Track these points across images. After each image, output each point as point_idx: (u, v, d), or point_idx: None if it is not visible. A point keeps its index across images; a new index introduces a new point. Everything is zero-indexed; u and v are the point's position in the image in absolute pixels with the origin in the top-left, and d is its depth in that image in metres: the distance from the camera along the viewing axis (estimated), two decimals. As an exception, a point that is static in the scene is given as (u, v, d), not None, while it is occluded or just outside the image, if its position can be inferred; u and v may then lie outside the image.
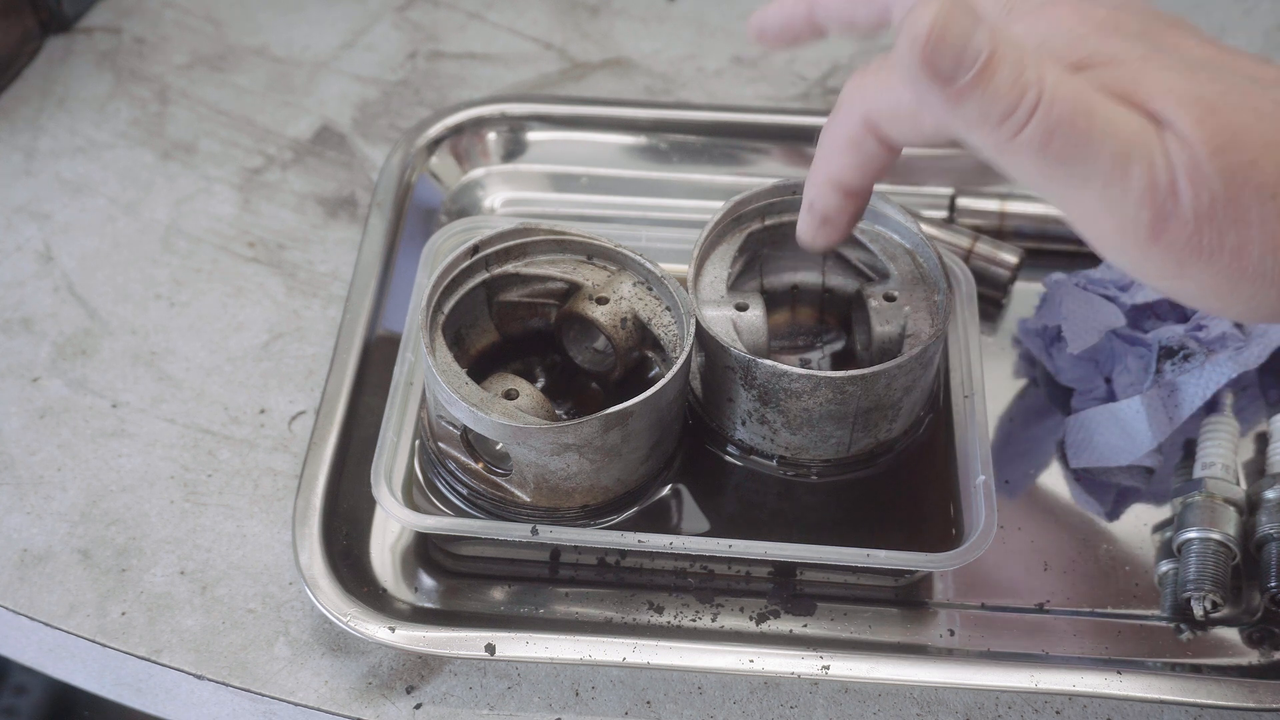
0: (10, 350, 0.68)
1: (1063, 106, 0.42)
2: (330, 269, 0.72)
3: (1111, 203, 0.43)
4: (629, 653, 0.55)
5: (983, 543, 0.56)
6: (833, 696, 0.56)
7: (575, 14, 0.87)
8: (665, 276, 0.59)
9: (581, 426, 0.54)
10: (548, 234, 0.61)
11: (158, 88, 0.81)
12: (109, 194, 0.75)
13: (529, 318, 0.63)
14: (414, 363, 0.61)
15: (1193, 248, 0.43)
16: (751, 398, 0.58)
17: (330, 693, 0.56)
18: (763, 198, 0.62)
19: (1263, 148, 0.43)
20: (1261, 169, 0.43)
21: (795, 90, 0.82)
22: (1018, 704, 0.56)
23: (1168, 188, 0.42)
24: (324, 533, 0.59)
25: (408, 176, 0.74)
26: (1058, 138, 0.43)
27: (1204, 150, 0.42)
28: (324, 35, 0.85)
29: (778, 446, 0.60)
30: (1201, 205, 0.42)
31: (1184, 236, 0.43)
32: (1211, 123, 0.43)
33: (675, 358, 0.57)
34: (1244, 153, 0.43)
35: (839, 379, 0.55)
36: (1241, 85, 0.44)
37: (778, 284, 0.65)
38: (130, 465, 0.63)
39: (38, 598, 0.58)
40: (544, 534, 0.56)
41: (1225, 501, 0.59)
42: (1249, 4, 0.88)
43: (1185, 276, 0.44)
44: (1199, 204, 0.42)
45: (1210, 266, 0.43)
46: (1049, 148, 0.43)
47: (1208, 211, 0.42)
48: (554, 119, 0.77)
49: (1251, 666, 0.57)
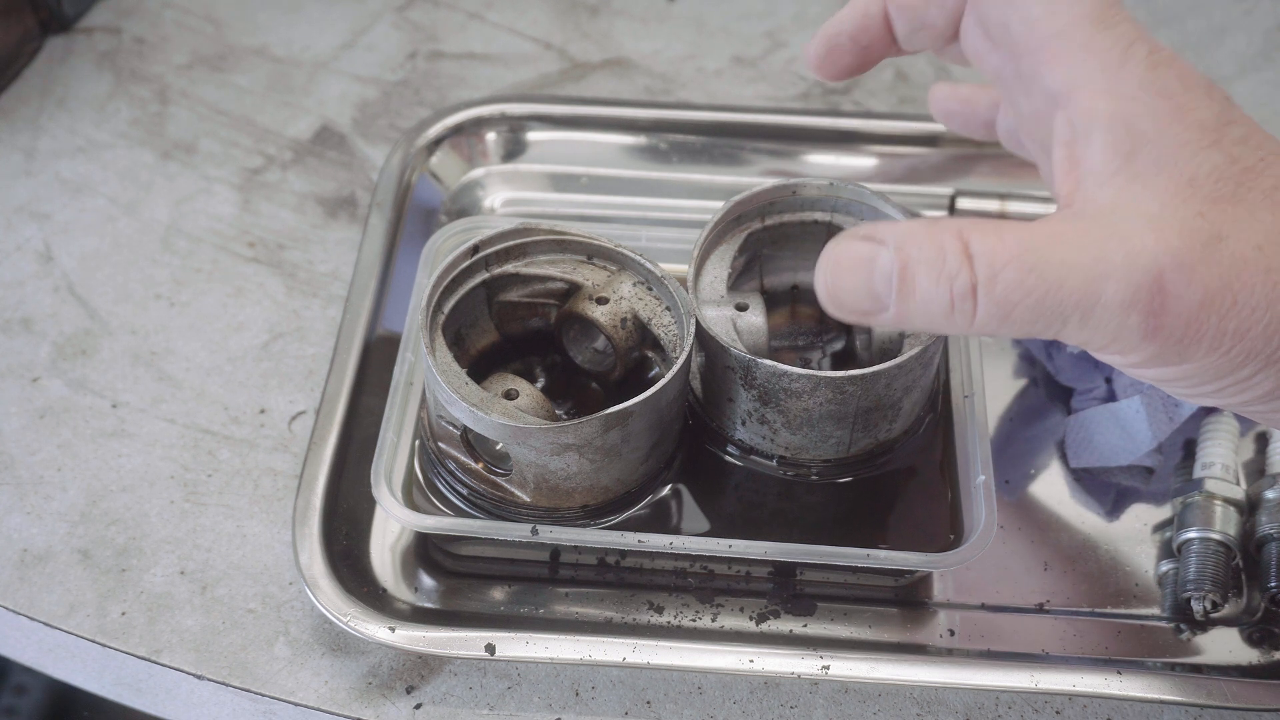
0: (10, 350, 0.67)
1: (1005, 277, 0.42)
2: (330, 269, 0.72)
3: (1097, 325, 0.42)
4: (629, 653, 0.55)
5: (983, 543, 0.56)
6: (833, 696, 0.56)
7: (575, 14, 0.87)
8: (665, 276, 0.59)
9: (581, 426, 0.54)
10: (548, 234, 0.61)
11: (158, 88, 0.81)
12: (109, 194, 0.75)
13: (529, 318, 0.63)
14: (414, 363, 0.61)
15: (1193, 333, 0.42)
16: (751, 398, 0.58)
17: (330, 693, 0.56)
18: (763, 198, 0.62)
19: (1273, 234, 0.42)
20: (1268, 254, 0.42)
21: (795, 90, 0.82)
22: (1018, 704, 0.56)
23: (1152, 288, 0.42)
24: (324, 533, 0.59)
25: (408, 176, 0.74)
26: (1017, 307, 0.42)
27: (1199, 241, 0.42)
28: (324, 35, 0.85)
29: (778, 446, 0.60)
30: (1193, 297, 0.42)
31: (1180, 324, 0.42)
32: (1212, 215, 0.42)
33: (675, 358, 0.57)
34: (1245, 241, 0.42)
35: (839, 379, 0.55)
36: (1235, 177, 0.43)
37: (778, 284, 0.65)
38: (130, 465, 0.63)
39: (38, 598, 0.58)
40: (544, 534, 0.56)
41: (1225, 501, 0.59)
42: (1249, 4, 0.88)
43: (1186, 361, 0.43)
44: (1192, 294, 0.42)
45: (1212, 353, 0.43)
46: (1011, 316, 0.42)
47: (1203, 299, 0.42)
48: (554, 119, 0.77)
49: (1251, 666, 0.57)
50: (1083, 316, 0.42)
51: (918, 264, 0.42)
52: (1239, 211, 0.43)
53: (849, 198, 0.62)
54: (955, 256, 0.42)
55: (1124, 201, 0.43)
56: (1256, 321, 0.42)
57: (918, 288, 0.42)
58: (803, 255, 0.64)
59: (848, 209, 0.62)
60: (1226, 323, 0.42)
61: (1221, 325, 0.42)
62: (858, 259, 0.43)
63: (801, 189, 0.62)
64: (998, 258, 0.41)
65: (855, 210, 0.62)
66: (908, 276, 0.42)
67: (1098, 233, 0.42)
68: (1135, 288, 0.41)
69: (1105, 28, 0.45)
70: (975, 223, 0.42)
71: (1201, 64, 0.84)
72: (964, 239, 0.42)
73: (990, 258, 0.41)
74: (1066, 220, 0.43)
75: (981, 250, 0.42)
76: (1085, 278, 0.41)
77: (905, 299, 0.43)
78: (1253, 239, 0.42)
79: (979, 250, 0.42)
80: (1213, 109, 0.44)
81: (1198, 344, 0.42)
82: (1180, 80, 0.44)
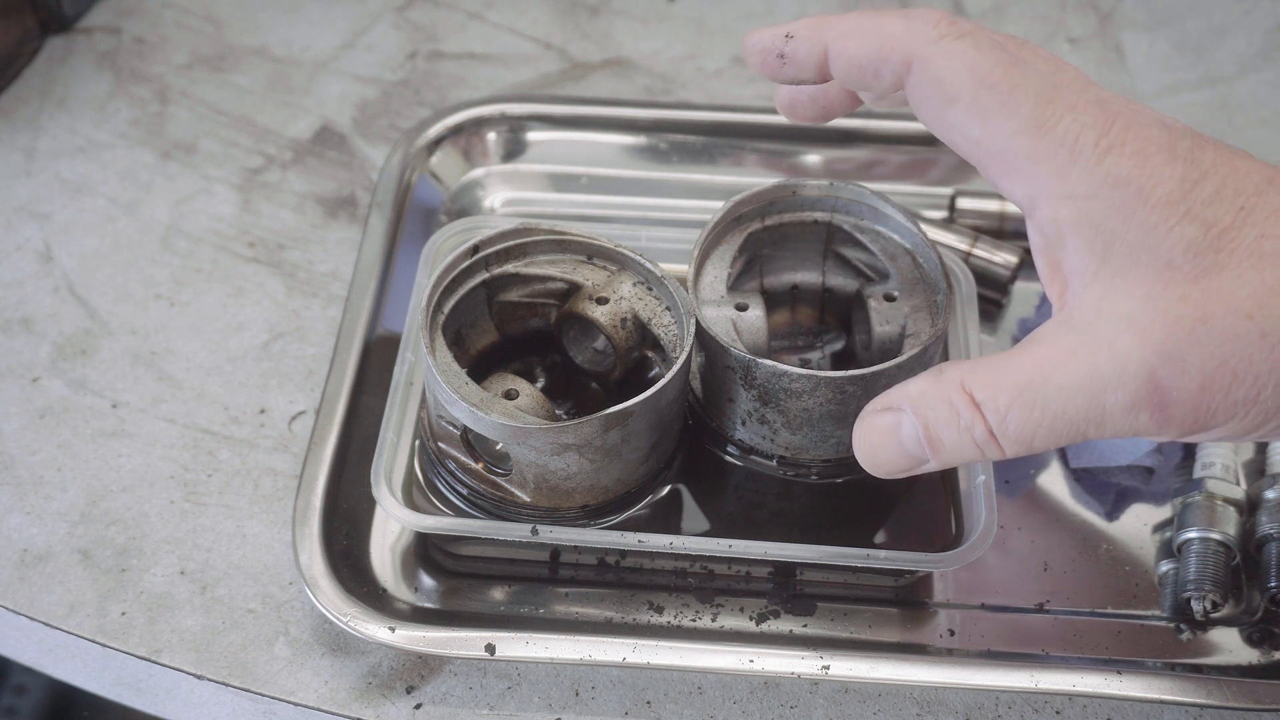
0: (10, 350, 0.67)
1: (1014, 418, 0.44)
2: (330, 269, 0.72)
3: (1114, 429, 0.44)
4: (629, 653, 0.55)
5: (983, 543, 0.56)
6: (833, 696, 0.56)
7: (575, 14, 0.87)
8: (665, 276, 0.59)
9: (581, 426, 0.54)
10: (548, 234, 0.61)
11: (158, 88, 0.81)
12: (109, 194, 0.75)
13: (529, 318, 0.63)
14: (414, 363, 0.61)
15: (1205, 412, 0.43)
16: (751, 398, 0.58)
17: (330, 693, 0.56)
18: (763, 198, 0.62)
19: (1263, 296, 0.42)
20: (1259, 320, 0.42)
21: (795, 90, 0.82)
22: (1018, 704, 0.56)
23: (1149, 388, 0.43)
24: (324, 533, 0.59)
25: (408, 176, 0.74)
26: (1034, 437, 0.45)
27: (1184, 329, 0.42)
28: (324, 35, 0.85)
29: (778, 446, 0.60)
30: (1190, 384, 0.43)
31: (1189, 409, 0.43)
32: (1194, 296, 0.43)
33: (675, 358, 0.57)
34: (1233, 313, 0.42)
35: (839, 379, 0.55)
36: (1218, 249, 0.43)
37: (778, 284, 0.65)
38: (130, 465, 0.63)
39: (38, 598, 0.58)
40: (544, 534, 0.56)
41: (1225, 501, 0.59)
42: (1249, 4, 0.88)
43: (1211, 429, 0.44)
44: (1190, 382, 0.43)
45: (1230, 421, 0.43)
46: (1034, 444, 0.45)
47: (1201, 383, 0.43)
48: (554, 119, 0.77)
49: (1251, 666, 0.57)
50: (1098, 427, 0.44)
51: (936, 424, 0.46)
52: (1223, 281, 0.43)
53: (849, 198, 0.62)
54: (966, 410, 0.45)
55: (1107, 304, 0.44)
56: (1264, 386, 0.42)
57: (944, 443, 0.47)
58: (802, 255, 0.64)
59: (848, 209, 0.62)
60: (1233, 395, 0.43)
61: (1229, 399, 0.43)
62: (885, 432, 0.48)
63: (801, 189, 0.62)
64: (1000, 401, 0.45)
65: (855, 210, 0.62)
66: (932, 435, 0.47)
67: (1087, 346, 0.44)
68: (1134, 393, 0.43)
69: (1045, 133, 0.44)
70: (975, 369, 0.46)
71: (1201, 64, 0.84)
72: (968, 390, 0.45)
73: (994, 403, 0.45)
74: (1059, 335, 0.45)
75: (985, 398, 0.45)
76: (1086, 397, 0.43)
77: (938, 453, 0.47)
78: (1241, 307, 0.42)
79: (983, 398, 0.45)
80: (1176, 174, 0.43)
81: (1212, 418, 0.43)
82: (1135, 158, 0.44)
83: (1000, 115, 0.45)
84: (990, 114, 0.45)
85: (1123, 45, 0.86)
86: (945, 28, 0.46)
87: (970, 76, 0.45)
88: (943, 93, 0.46)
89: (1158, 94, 0.82)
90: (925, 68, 0.46)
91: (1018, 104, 0.45)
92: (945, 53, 0.46)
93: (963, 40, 0.46)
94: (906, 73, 0.47)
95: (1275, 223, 0.43)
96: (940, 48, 0.46)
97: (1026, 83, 0.45)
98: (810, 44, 0.49)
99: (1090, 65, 0.84)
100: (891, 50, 0.47)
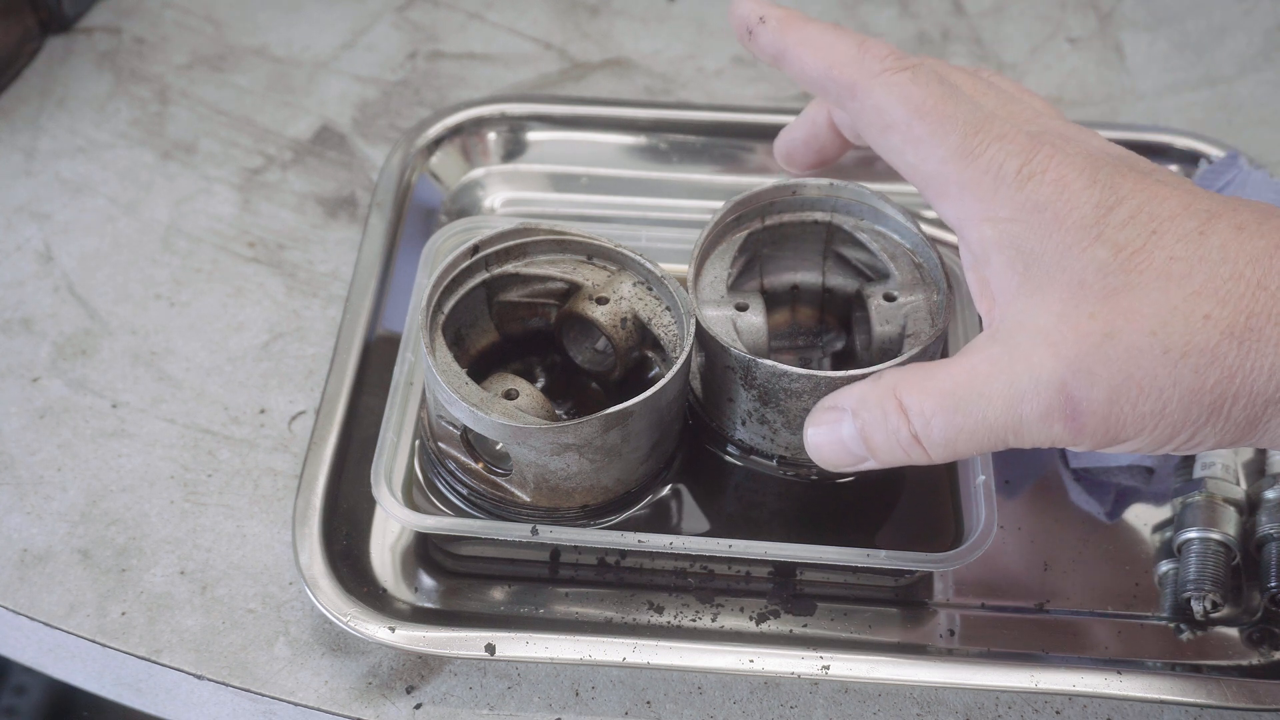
0: (10, 350, 0.67)
1: (937, 423, 0.48)
2: (330, 269, 0.72)
3: (1032, 438, 0.47)
4: (629, 653, 0.55)
5: (983, 543, 0.56)
6: (833, 696, 0.56)
7: (575, 14, 0.87)
8: (665, 276, 0.59)
9: (581, 426, 0.54)
10: (548, 234, 0.61)
11: (158, 88, 0.81)
12: (109, 194, 0.75)
13: (529, 318, 0.63)
14: (414, 363, 0.61)
15: (1114, 424, 0.46)
16: (751, 398, 0.58)
17: (330, 693, 0.56)
18: (763, 198, 0.62)
19: (1166, 314, 0.45)
20: (1162, 336, 0.44)
21: (795, 90, 0.82)
22: (1018, 704, 0.56)
23: (1061, 398, 0.45)
24: (324, 533, 0.59)
25: (408, 176, 0.74)
26: (956, 442, 0.48)
27: (1093, 343, 0.45)
28: (324, 35, 0.85)
29: (778, 446, 0.60)
30: (1099, 396, 0.45)
31: (1098, 420, 0.45)
32: (1103, 313, 0.45)
33: (675, 358, 0.57)
34: (1138, 330, 0.45)
35: (839, 379, 0.55)
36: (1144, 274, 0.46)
37: (778, 284, 0.65)
38: (130, 465, 0.63)
39: (38, 598, 0.59)
40: (544, 534, 0.56)
41: (1225, 501, 0.59)
42: (1249, 4, 0.88)
43: (1123, 441, 0.46)
44: (1098, 394, 0.45)
45: (1140, 433, 0.46)
46: (957, 449, 0.48)
47: (1109, 395, 0.45)
48: (554, 119, 0.77)
49: (1251, 666, 0.57)
50: (1016, 434, 0.47)
51: (869, 425, 0.50)
52: (1131, 300, 0.45)
53: (849, 198, 0.62)
54: (894, 414, 0.49)
55: (1025, 319, 0.47)
56: (1169, 400, 0.45)
57: (877, 445, 0.50)
58: (803, 255, 0.64)
59: (848, 209, 0.62)
60: (1140, 408, 0.45)
61: (1136, 411, 0.45)
62: (828, 428, 0.52)
63: (801, 189, 0.62)
64: (926, 408, 0.48)
65: (855, 210, 0.62)
66: (866, 435, 0.50)
67: (1006, 358, 0.47)
68: (1047, 403, 0.45)
69: (971, 160, 0.48)
70: (907, 376, 0.49)
71: (1201, 64, 0.84)
72: (898, 395, 0.49)
73: (920, 409, 0.48)
74: (985, 347, 0.48)
75: (912, 403, 0.48)
76: (1003, 405, 0.46)
77: (874, 453, 0.50)
78: (1146, 325, 0.44)
79: (910, 403, 0.48)
80: (1093, 199, 0.46)
81: (1122, 430, 0.46)
82: (1054, 186, 0.47)
83: (930, 143, 0.49)
84: (922, 142, 0.49)
85: (1123, 45, 0.86)
86: (890, 61, 0.50)
87: (905, 107, 0.49)
88: (881, 120, 0.50)
89: (1158, 94, 0.82)
90: (866, 96, 0.50)
91: (946, 133, 0.49)
92: (885, 84, 0.50)
93: (903, 74, 0.50)
94: (850, 97, 0.51)
95: (1184, 246, 0.45)
96: (881, 80, 0.50)
97: (957, 113, 0.49)
98: (773, 38, 0.54)
99: (1090, 65, 0.84)
100: (840, 74, 0.51)
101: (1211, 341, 0.44)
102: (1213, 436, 0.46)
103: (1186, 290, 0.44)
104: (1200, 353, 0.44)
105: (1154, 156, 0.75)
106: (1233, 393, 0.44)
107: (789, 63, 0.53)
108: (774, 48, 0.54)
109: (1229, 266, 0.44)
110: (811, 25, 0.53)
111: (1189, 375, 0.44)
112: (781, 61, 0.54)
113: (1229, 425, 0.45)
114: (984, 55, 0.85)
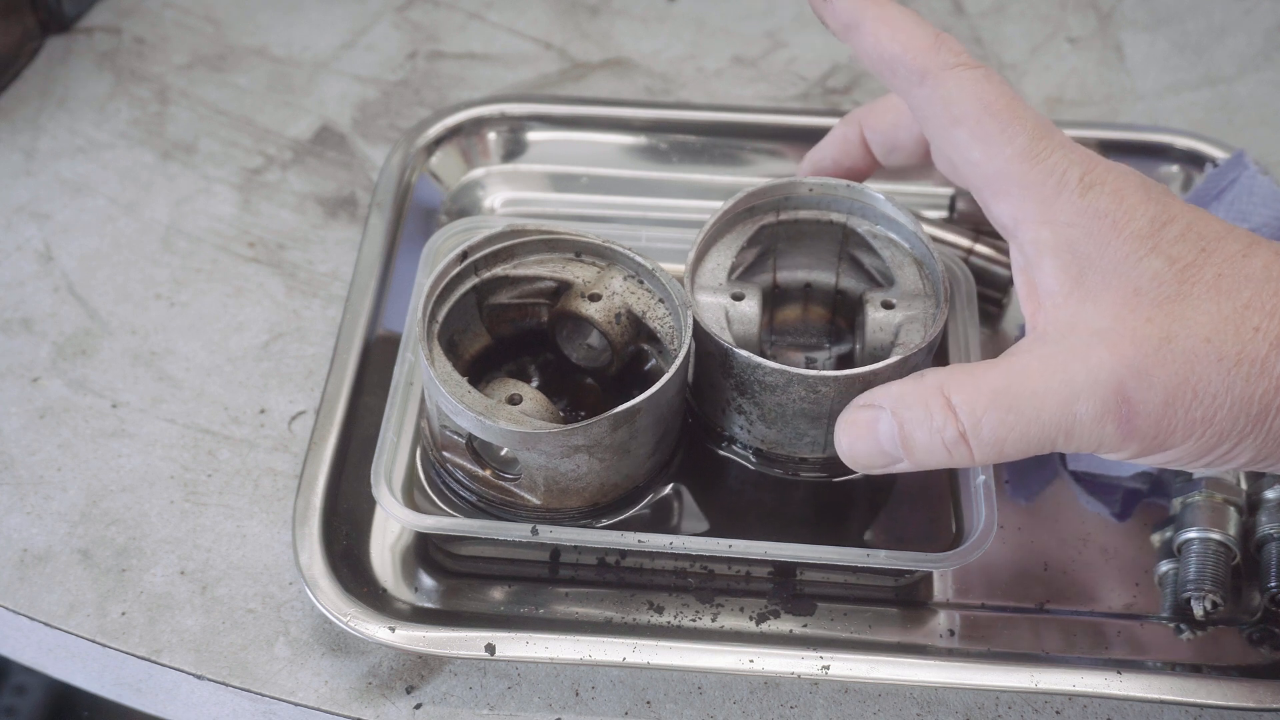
0: (10, 350, 0.68)
1: (988, 420, 0.47)
2: (330, 269, 0.72)
3: (1081, 439, 0.47)
4: (629, 653, 0.55)
5: (983, 543, 0.56)
6: (833, 696, 0.56)
7: (575, 14, 0.87)
8: (655, 268, 0.59)
9: (590, 428, 0.54)
10: (535, 234, 0.60)
11: (158, 88, 0.81)
12: (109, 194, 0.75)
13: (520, 319, 0.63)
14: (414, 362, 0.61)
15: (1165, 428, 0.46)
16: (729, 386, 0.58)
17: (330, 693, 0.56)
18: (777, 192, 0.62)
19: (1219, 323, 0.46)
20: (1217, 344, 0.46)
21: (795, 90, 0.82)
22: (1018, 704, 0.56)
23: (1117, 399, 0.46)
24: (324, 533, 0.59)
25: (408, 176, 0.74)
26: (1006, 442, 0.48)
27: (1151, 346, 0.46)
28: (324, 35, 0.85)
29: (754, 438, 0.59)
30: (1155, 399, 0.46)
31: (1152, 423, 0.46)
32: (1159, 318, 0.46)
33: (672, 349, 0.57)
34: (1194, 336, 0.46)
35: (811, 377, 0.55)
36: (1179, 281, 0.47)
37: (791, 280, 0.65)
38: (130, 465, 0.63)
39: (38, 598, 0.59)
40: (544, 534, 0.56)
41: (1225, 501, 0.59)
42: (1249, 4, 0.88)
43: (1168, 449, 0.47)
44: (1155, 396, 0.46)
45: (1188, 439, 0.47)
46: (1004, 451, 0.48)
47: (1165, 398, 0.46)
48: (554, 119, 0.77)
49: (1251, 666, 0.57)
50: (1066, 435, 0.47)
51: (911, 424, 0.49)
52: (1184, 309, 0.46)
53: (866, 201, 0.62)
54: (940, 413, 0.48)
55: (1080, 321, 0.48)
56: (1220, 406, 0.46)
57: (917, 444, 0.49)
58: (818, 254, 0.64)
59: (864, 213, 0.62)
60: (1193, 413, 0.46)
61: (1189, 416, 0.46)
62: (864, 427, 0.51)
63: (819, 187, 0.62)
64: (977, 405, 0.48)
65: (871, 215, 0.62)
66: (906, 435, 0.49)
67: (1060, 357, 0.47)
68: (1103, 402, 0.46)
69: (1037, 163, 0.49)
70: (953, 374, 0.49)
71: (1201, 64, 0.84)
72: (945, 394, 0.48)
73: (970, 407, 0.48)
74: (1033, 348, 0.48)
75: (962, 401, 0.48)
76: (1058, 404, 0.46)
77: (911, 453, 0.50)
78: (1201, 332, 0.46)
79: (959, 402, 0.48)
80: (1149, 214, 0.48)
81: (1172, 435, 0.46)
82: (1113, 196, 0.48)
83: (999, 141, 0.49)
84: (991, 139, 0.49)
85: (1123, 45, 0.86)
86: (965, 57, 0.51)
87: (977, 102, 0.50)
88: (950, 112, 0.50)
89: (1158, 94, 0.82)
90: (937, 85, 0.50)
91: (1016, 133, 0.49)
92: (958, 78, 0.50)
93: (976, 71, 0.50)
94: (918, 83, 0.51)
95: (1231, 264, 0.47)
96: (955, 73, 0.50)
97: (1026, 116, 0.50)
98: (851, 7, 0.53)
99: (1090, 65, 0.84)
100: (914, 57, 0.51)
101: (1261, 352, 0.45)
102: (1250, 449, 0.47)
103: (1236, 303, 0.46)
104: (1252, 362, 0.45)
105: (1154, 156, 0.76)
106: (1278, 404, 0.46)
107: (862, 36, 0.52)
108: (850, 16, 0.52)
109: (1273, 285, 0.46)
110: (892, 4, 0.52)
111: (1240, 383, 0.45)
112: (853, 33, 0.53)
113: (1268, 439, 0.46)
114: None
